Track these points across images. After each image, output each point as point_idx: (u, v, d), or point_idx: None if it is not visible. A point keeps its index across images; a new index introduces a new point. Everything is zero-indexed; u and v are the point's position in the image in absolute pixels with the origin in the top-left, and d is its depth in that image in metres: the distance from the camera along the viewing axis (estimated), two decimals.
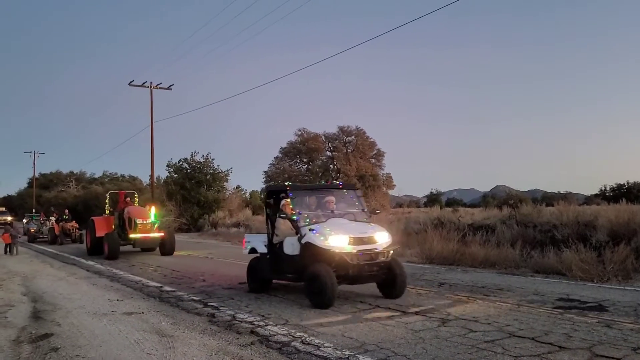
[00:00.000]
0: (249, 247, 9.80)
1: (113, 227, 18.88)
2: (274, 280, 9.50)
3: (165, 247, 18.44)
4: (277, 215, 8.84)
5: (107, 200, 21.58)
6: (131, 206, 19.50)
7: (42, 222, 30.99)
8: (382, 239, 8.21)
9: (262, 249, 9.29)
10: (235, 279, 11.15)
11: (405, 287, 8.39)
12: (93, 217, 20.19)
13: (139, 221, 17.98)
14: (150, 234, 18.16)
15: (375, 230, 8.37)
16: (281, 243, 8.77)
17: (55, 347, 5.87)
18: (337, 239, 7.84)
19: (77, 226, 27.52)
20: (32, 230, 32.35)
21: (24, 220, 46.05)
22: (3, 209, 59.23)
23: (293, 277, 8.55)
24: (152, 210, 19.12)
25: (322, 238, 7.87)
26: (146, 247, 19.29)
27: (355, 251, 7.77)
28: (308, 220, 8.29)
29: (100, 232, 18.51)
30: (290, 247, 8.52)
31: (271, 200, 9.64)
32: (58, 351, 5.72)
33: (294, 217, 8.36)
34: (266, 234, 9.37)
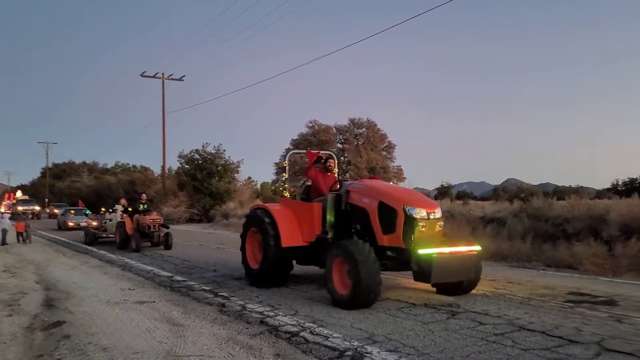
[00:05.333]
0: None
1: (323, 225, 8.32)
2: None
3: (471, 282, 7.93)
4: None
5: (285, 171, 10.62)
6: (368, 179, 9.33)
7: (102, 213, 22.39)
8: None
9: None
10: None
11: None
12: (266, 205, 9.61)
13: (419, 213, 7.43)
14: (454, 246, 7.61)
15: None
16: None
17: (67, 335, 5.95)
18: None
19: (162, 221, 17.59)
20: (71, 224, 28.54)
21: (56, 211, 44.31)
22: (26, 197, 55.36)
23: None
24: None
25: None
26: (443, 281, 7.68)
27: None
28: None
29: (293, 239, 8.57)
30: None
31: None
32: (70, 338, 5.80)
33: None
34: None
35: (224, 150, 39.24)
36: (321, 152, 10.07)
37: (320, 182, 9.15)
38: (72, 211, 31.45)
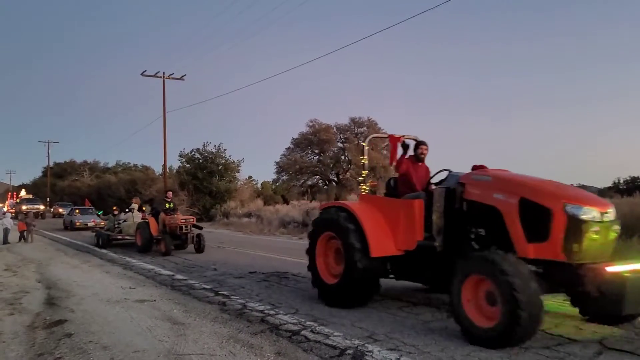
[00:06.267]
0: None
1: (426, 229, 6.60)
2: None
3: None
4: None
5: (364, 158, 8.84)
6: (491, 169, 6.53)
7: (116, 214, 19.63)
8: None
9: None
10: (246, 268, 11.23)
11: None
12: (346, 203, 7.78)
13: (588, 214, 5.36)
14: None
15: None
16: None
17: (69, 333, 5.97)
18: None
19: (194, 220, 16.06)
20: (78, 223, 27.49)
21: (60, 210, 43.30)
22: (30, 196, 53.53)
23: None
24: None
25: None
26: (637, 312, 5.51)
27: None
28: None
29: (385, 246, 6.83)
30: None
31: None
32: (72, 337, 5.81)
33: None
34: None
35: (225, 150, 39.29)
36: (405, 136, 7.92)
37: (412, 174, 7.23)
38: (77, 210, 30.62)
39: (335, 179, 53.27)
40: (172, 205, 15.92)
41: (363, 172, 8.42)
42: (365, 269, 6.69)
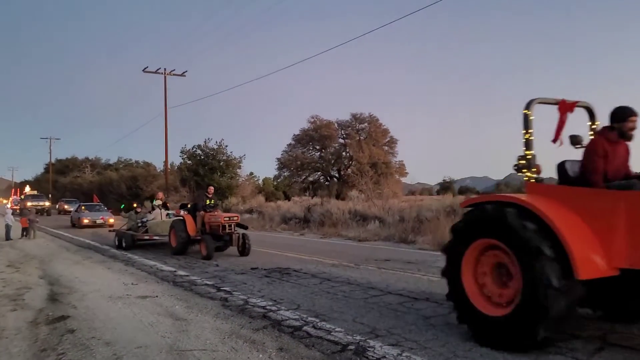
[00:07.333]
0: None
1: None
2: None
3: None
4: None
5: (527, 131, 5.39)
6: None
7: (138, 211, 17.57)
8: None
9: None
10: (247, 265, 11.24)
11: None
12: (517, 197, 5.07)
13: None
14: None
15: None
16: None
17: (71, 329, 5.98)
18: None
19: (239, 219, 13.79)
20: (86, 221, 26.27)
21: (66, 206, 41.91)
22: (35, 192, 52.96)
23: None
24: None
25: None
26: None
27: None
28: None
29: (595, 264, 4.56)
30: None
31: None
32: (74, 333, 5.83)
33: None
34: None
35: (226, 146, 39.30)
36: (578, 102, 5.65)
37: (610, 156, 5.03)
38: (83, 207, 29.66)
39: (337, 175, 53.33)
40: (212, 202, 14.14)
41: (526, 152, 5.47)
42: (564, 296, 4.49)
